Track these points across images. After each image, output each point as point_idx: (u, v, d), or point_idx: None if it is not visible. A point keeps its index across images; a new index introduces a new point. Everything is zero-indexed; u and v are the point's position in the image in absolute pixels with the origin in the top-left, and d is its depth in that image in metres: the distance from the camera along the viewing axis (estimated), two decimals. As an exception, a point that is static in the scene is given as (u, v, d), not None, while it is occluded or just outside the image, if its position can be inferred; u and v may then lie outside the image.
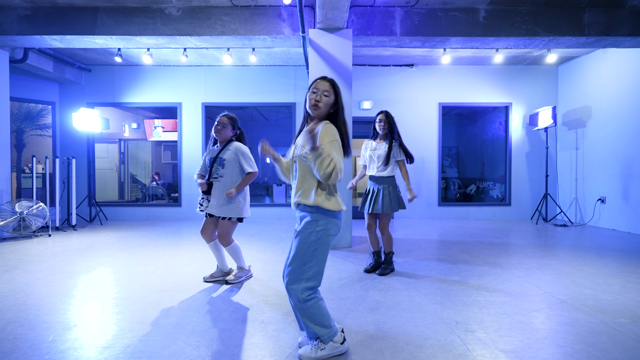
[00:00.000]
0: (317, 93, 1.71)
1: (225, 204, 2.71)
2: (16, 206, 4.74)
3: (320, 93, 1.71)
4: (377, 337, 1.94)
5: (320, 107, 1.70)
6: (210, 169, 2.75)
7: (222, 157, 2.74)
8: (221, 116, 2.79)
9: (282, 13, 4.31)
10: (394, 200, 3.10)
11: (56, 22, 4.37)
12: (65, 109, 6.51)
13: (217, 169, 2.74)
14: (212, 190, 2.76)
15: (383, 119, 3.13)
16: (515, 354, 1.76)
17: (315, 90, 1.72)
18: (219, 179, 2.73)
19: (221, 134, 2.74)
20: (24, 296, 2.55)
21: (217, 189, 2.73)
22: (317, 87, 1.73)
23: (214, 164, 2.75)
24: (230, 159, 2.73)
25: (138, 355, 1.73)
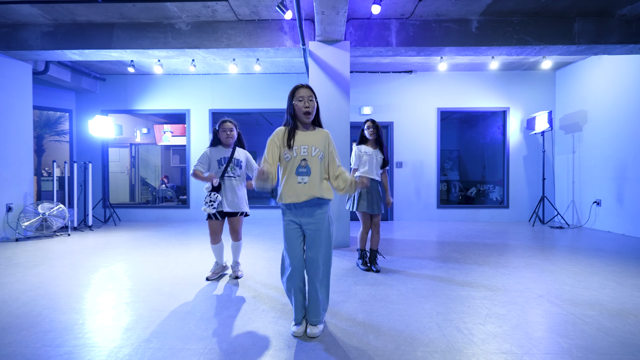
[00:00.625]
0: (303, 101, 1.92)
1: (244, 200, 3.02)
2: (39, 207, 5.10)
3: (306, 100, 1.93)
4: (364, 323, 2.18)
5: (312, 113, 1.95)
6: (225, 168, 2.93)
7: (239, 159, 3.00)
8: (226, 122, 2.99)
9: (283, 26, 4.59)
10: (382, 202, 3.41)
11: (76, 37, 4.72)
12: (82, 116, 6.89)
13: (234, 169, 2.97)
14: (225, 189, 2.93)
15: (371, 125, 3.37)
16: (485, 339, 1.99)
17: (301, 98, 1.93)
18: (235, 177, 2.97)
19: (231, 138, 2.97)
20: (53, 287, 2.86)
21: (234, 187, 2.96)
22: (302, 95, 1.93)
23: (229, 163, 2.95)
24: (245, 160, 3.05)
25: (156, 336, 2.00)
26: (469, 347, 1.88)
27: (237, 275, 3.13)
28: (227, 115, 6.91)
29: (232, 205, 2.96)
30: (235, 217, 3.04)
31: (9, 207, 5.00)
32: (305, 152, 1.93)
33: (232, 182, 2.96)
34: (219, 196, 2.90)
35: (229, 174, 2.96)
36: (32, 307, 2.43)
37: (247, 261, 3.69)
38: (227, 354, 1.82)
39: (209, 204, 2.88)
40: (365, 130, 3.42)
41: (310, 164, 1.93)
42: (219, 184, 2.93)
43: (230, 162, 2.96)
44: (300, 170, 1.93)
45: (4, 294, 2.71)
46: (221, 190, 2.94)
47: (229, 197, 2.96)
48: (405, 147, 6.79)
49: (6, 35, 4.74)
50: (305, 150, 1.93)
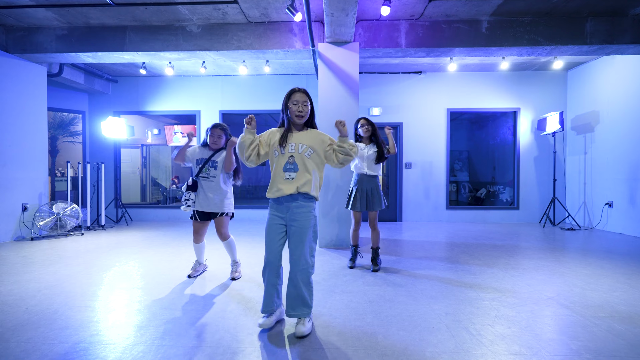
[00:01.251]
0: (297, 104, 2.03)
1: (224, 200, 3.02)
2: (53, 207, 5.22)
3: (300, 104, 2.04)
4: (372, 323, 2.20)
5: (304, 116, 2.06)
6: (201, 168, 2.97)
7: (215, 160, 2.99)
8: (215, 128, 3.01)
9: (293, 28, 4.63)
10: (382, 198, 3.44)
11: (89, 40, 4.82)
12: (94, 117, 7.03)
13: (208, 169, 2.97)
14: (199, 189, 2.98)
15: (365, 123, 3.41)
16: (494, 340, 1.99)
17: (296, 102, 2.04)
18: (210, 178, 2.97)
19: (217, 144, 3.01)
20: (68, 285, 2.93)
21: (210, 189, 2.97)
22: (297, 99, 2.04)
23: (205, 164, 2.97)
24: (221, 160, 3.01)
25: (169, 334, 2.05)
26: (477, 348, 1.89)
27: (234, 277, 3.09)
28: (236, 116, 7.00)
29: (207, 205, 2.98)
30: (216, 217, 3.04)
31: (25, 206, 5.13)
32: (292, 149, 2.03)
33: (206, 182, 2.98)
34: (193, 195, 2.98)
35: (203, 174, 2.98)
36: (49, 305, 2.50)
37: (249, 261, 3.73)
38: (237, 352, 1.85)
39: (185, 203, 2.97)
40: (360, 129, 3.44)
41: (297, 161, 2.02)
42: (194, 182, 2.98)
43: (207, 162, 2.98)
44: (288, 166, 2.02)
45: (21, 291, 2.80)
46: (197, 190, 3.01)
47: (202, 197, 2.98)
48: (414, 148, 6.77)
49: (22, 39, 4.87)
50: (292, 147, 2.03)
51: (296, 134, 2.08)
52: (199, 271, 3.24)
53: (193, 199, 2.98)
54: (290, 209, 2.04)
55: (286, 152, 2.02)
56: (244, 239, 4.94)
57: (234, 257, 3.19)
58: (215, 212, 3.03)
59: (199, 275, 3.22)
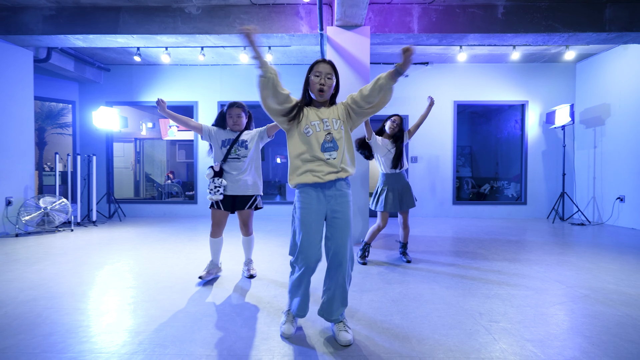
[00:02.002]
0: (320, 76, 1.72)
1: (257, 181, 2.73)
2: (40, 202, 4.89)
3: (323, 76, 1.72)
4: (402, 326, 1.96)
5: (325, 91, 1.73)
6: (229, 150, 2.64)
7: (244, 139, 2.68)
8: (233, 107, 2.66)
9: (299, 11, 4.36)
10: (413, 195, 3.24)
11: (80, 21, 4.49)
12: (85, 108, 6.67)
13: (239, 149, 2.66)
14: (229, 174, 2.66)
15: (397, 119, 3.19)
16: (542, 343, 1.76)
17: (318, 74, 1.73)
18: (240, 159, 2.65)
19: (239, 125, 2.67)
20: (55, 285, 2.64)
21: (239, 169, 2.66)
22: (320, 70, 1.73)
23: (233, 145, 2.65)
24: (251, 139, 2.70)
25: (171, 340, 1.78)
26: (525, 353, 1.66)
27: (251, 275, 2.84)
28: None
29: (239, 188, 2.65)
30: (244, 210, 2.73)
31: (9, 200, 4.79)
32: (328, 126, 1.72)
33: (237, 164, 2.65)
34: (224, 180, 2.62)
35: (232, 155, 2.65)
36: (32, 307, 2.21)
37: (264, 258, 3.47)
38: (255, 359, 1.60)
39: (214, 191, 2.60)
40: (389, 122, 3.21)
41: (336, 138, 1.72)
42: (220, 168, 2.65)
43: (234, 143, 2.65)
44: (327, 145, 1.70)
45: (1, 292, 2.50)
46: (224, 175, 2.67)
47: (231, 181, 2.66)
48: (420, 142, 6.55)
49: (6, 19, 4.53)
50: (327, 124, 1.72)
51: (325, 110, 1.78)
52: (212, 274, 2.78)
53: (224, 185, 2.62)
54: (331, 198, 1.74)
55: (322, 130, 1.72)
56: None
57: (250, 254, 2.94)
58: (244, 200, 2.69)
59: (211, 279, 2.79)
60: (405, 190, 3.20)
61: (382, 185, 3.24)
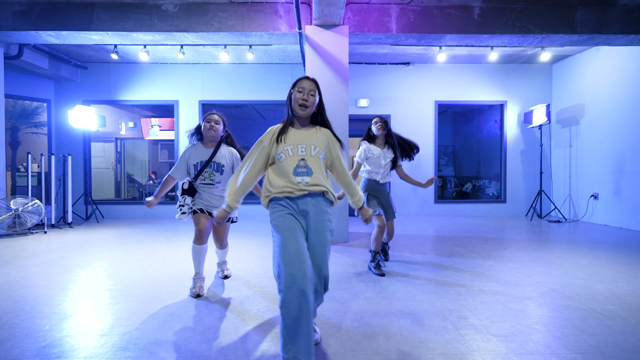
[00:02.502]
0: (303, 92, 1.68)
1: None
2: (11, 203, 4.73)
3: (306, 92, 1.69)
4: (371, 324, 1.96)
5: (308, 106, 1.69)
6: (200, 172, 2.49)
7: (220, 163, 2.51)
8: (212, 114, 2.55)
9: (278, 10, 4.34)
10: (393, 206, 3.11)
11: (52, 17, 4.37)
12: (61, 107, 6.49)
13: (213, 174, 2.50)
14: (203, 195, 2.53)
15: (379, 120, 3.02)
16: (507, 337, 1.79)
17: (301, 90, 1.69)
18: (215, 185, 2.52)
19: (215, 132, 2.50)
20: (19, 289, 2.55)
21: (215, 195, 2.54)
22: (303, 86, 1.69)
23: (205, 167, 2.48)
24: (228, 166, 2.55)
25: (135, 342, 1.74)
26: (490, 348, 1.68)
27: (226, 275, 2.82)
28: (217, 107, 6.63)
29: (212, 207, 2.51)
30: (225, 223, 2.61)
31: (-21, 202, 4.62)
32: (303, 151, 1.66)
33: (208, 189, 2.52)
34: (188, 199, 2.51)
35: (205, 180, 2.50)
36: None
37: (241, 258, 3.44)
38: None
39: (179, 210, 2.50)
40: (373, 125, 3.04)
41: (311, 164, 1.65)
42: (190, 185, 2.53)
43: (206, 165, 2.48)
44: (299, 170, 1.64)
45: (-37, 295, 2.41)
46: (195, 195, 2.54)
47: (205, 201, 2.52)
48: (401, 141, 6.59)
49: (-26, 15, 4.37)
50: (303, 149, 1.66)
51: (305, 132, 1.72)
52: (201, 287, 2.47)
53: (190, 205, 2.50)
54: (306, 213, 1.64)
55: (295, 155, 1.65)
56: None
57: (224, 258, 2.87)
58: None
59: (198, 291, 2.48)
60: (387, 201, 3.06)
61: (365, 189, 3.06)
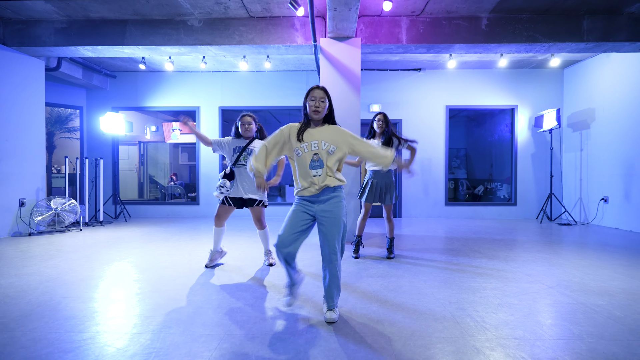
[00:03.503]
0: (315, 100, 2.08)
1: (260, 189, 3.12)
2: (51, 203, 5.18)
3: (318, 100, 2.08)
4: (378, 312, 2.22)
5: (320, 112, 2.09)
6: (239, 155, 3.10)
7: (253, 149, 3.10)
8: (245, 116, 3.14)
9: (295, 23, 4.64)
10: (394, 193, 3.56)
11: (89, 34, 4.79)
12: (92, 113, 6.98)
13: (247, 157, 3.08)
14: (238, 176, 3.12)
15: (381, 118, 3.49)
16: (498, 326, 2.02)
17: (313, 99, 2.08)
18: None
19: (250, 132, 3.12)
20: (70, 277, 2.92)
21: (247, 175, 3.10)
22: (314, 95, 2.09)
23: (243, 151, 3.10)
24: None
25: (175, 323, 2.05)
26: (482, 333, 1.92)
27: (271, 263, 3.29)
28: (236, 112, 6.99)
29: (244, 192, 3.10)
30: (253, 206, 3.16)
31: (22, 202, 5.08)
32: (315, 146, 2.06)
33: (244, 170, 3.11)
34: (227, 182, 3.09)
35: (241, 162, 3.11)
36: (52, 297, 2.49)
37: (262, 251, 3.74)
38: (247, 339, 1.86)
39: (218, 189, 3.09)
40: (375, 122, 3.53)
41: (322, 157, 2.05)
42: (231, 171, 3.12)
43: (243, 151, 3.11)
44: (314, 164, 2.05)
45: (22, 284, 2.78)
46: (234, 178, 3.13)
47: (244, 185, 3.11)
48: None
49: (20, 32, 4.83)
50: (315, 145, 2.06)
51: (317, 131, 2.10)
52: (216, 259, 3.29)
53: (228, 187, 3.08)
54: (321, 201, 2.06)
55: (309, 151, 2.05)
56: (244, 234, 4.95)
57: (268, 245, 3.34)
58: (252, 200, 3.13)
59: (217, 266, 3.29)
60: (388, 187, 3.52)
61: (368, 178, 3.62)
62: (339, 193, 2.11)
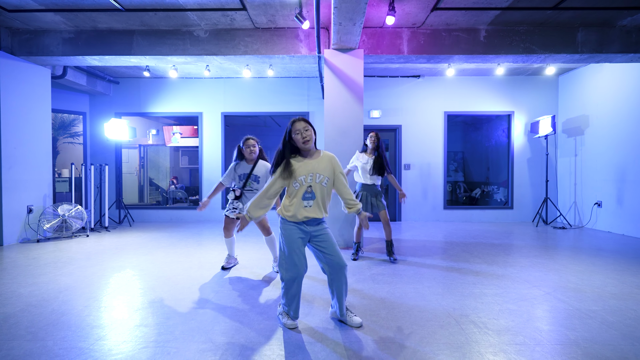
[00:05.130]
0: (299, 133, 2.12)
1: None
2: (59, 209, 5.26)
3: (302, 131, 2.12)
4: (387, 318, 2.36)
5: (310, 140, 2.15)
6: (245, 182, 3.38)
7: (257, 175, 3.38)
8: (249, 139, 3.39)
9: (299, 34, 4.76)
10: (383, 200, 3.94)
11: (96, 44, 4.88)
12: (95, 119, 7.05)
13: (252, 183, 3.40)
14: (245, 199, 3.42)
15: (374, 136, 3.92)
16: (500, 332, 2.17)
17: (298, 132, 2.12)
18: (253, 190, 3.41)
19: (254, 154, 3.37)
20: (87, 286, 3.03)
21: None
22: (297, 128, 2.12)
23: (248, 179, 3.37)
24: (262, 175, 3.40)
25: (197, 332, 2.17)
26: (485, 339, 2.06)
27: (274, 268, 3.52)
28: (238, 118, 7.10)
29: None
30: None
31: (30, 208, 5.16)
32: (310, 179, 2.14)
33: (250, 194, 3.40)
34: (241, 204, 3.44)
35: (248, 187, 3.42)
36: (74, 305, 2.60)
37: (271, 260, 3.87)
38: (265, 347, 1.99)
39: (231, 210, 3.43)
40: (368, 139, 3.96)
41: (315, 190, 2.15)
42: (241, 193, 3.43)
43: (248, 178, 3.38)
44: (307, 195, 2.15)
45: (42, 292, 2.88)
46: (242, 199, 3.45)
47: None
48: (413, 150, 6.97)
49: (28, 42, 4.91)
50: (310, 178, 2.14)
51: (309, 163, 2.16)
52: (232, 264, 3.63)
53: (240, 209, 3.41)
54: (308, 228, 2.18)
55: (305, 183, 2.14)
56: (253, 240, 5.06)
57: (275, 253, 3.51)
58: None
59: (232, 268, 3.63)
60: (377, 196, 3.90)
61: (358, 190, 4.00)
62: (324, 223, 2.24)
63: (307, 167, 2.15)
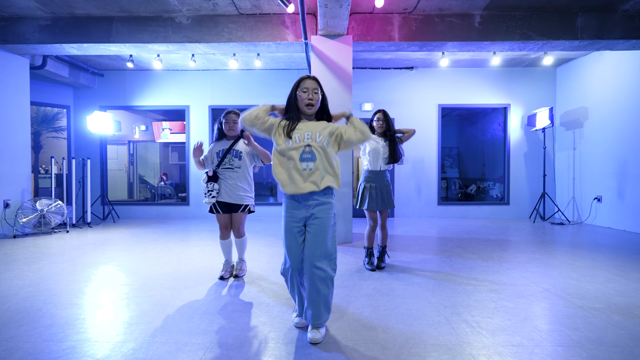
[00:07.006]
0: (307, 92, 1.83)
1: (246, 193, 2.86)
2: (37, 204, 5.03)
3: (311, 91, 1.84)
4: (371, 317, 2.15)
5: (314, 105, 1.86)
6: (222, 159, 2.80)
7: (238, 150, 2.83)
8: (230, 113, 2.87)
9: (285, 21, 4.55)
10: (391, 196, 3.26)
11: (74, 31, 4.65)
12: (79, 112, 6.81)
13: (233, 160, 2.81)
14: (222, 180, 2.82)
15: (381, 117, 3.18)
16: (495, 331, 1.96)
17: (306, 90, 1.84)
18: (233, 169, 2.81)
19: (234, 130, 2.84)
20: (53, 282, 2.81)
21: (238, 179, 2.82)
22: (306, 86, 1.84)
23: (226, 154, 2.81)
24: (246, 152, 2.85)
25: (160, 331, 1.96)
26: (478, 340, 1.86)
27: (238, 274, 2.99)
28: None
29: (231, 196, 2.80)
30: (237, 212, 2.87)
31: (7, 203, 4.93)
32: (309, 138, 1.82)
33: (230, 173, 2.82)
34: (216, 185, 2.80)
35: (226, 165, 2.82)
36: (33, 303, 2.39)
37: (250, 257, 3.66)
38: (233, 347, 1.78)
39: (207, 194, 2.78)
40: (375, 122, 3.21)
41: (315, 150, 1.81)
42: (214, 173, 2.82)
43: (227, 153, 2.82)
44: (305, 156, 1.80)
45: (2, 289, 2.67)
46: (218, 181, 2.83)
47: (226, 188, 2.82)
48: (406, 144, 6.67)
49: (3, 29, 4.67)
50: (309, 136, 1.82)
51: (310, 123, 1.88)
52: (230, 272, 3.00)
53: (217, 189, 2.80)
54: (310, 204, 1.84)
55: (301, 142, 1.81)
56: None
57: (242, 255, 3.08)
58: (237, 205, 2.84)
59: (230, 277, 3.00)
60: (386, 190, 3.19)
61: (364, 182, 3.23)
62: (331, 204, 1.87)
63: (306, 126, 1.86)
